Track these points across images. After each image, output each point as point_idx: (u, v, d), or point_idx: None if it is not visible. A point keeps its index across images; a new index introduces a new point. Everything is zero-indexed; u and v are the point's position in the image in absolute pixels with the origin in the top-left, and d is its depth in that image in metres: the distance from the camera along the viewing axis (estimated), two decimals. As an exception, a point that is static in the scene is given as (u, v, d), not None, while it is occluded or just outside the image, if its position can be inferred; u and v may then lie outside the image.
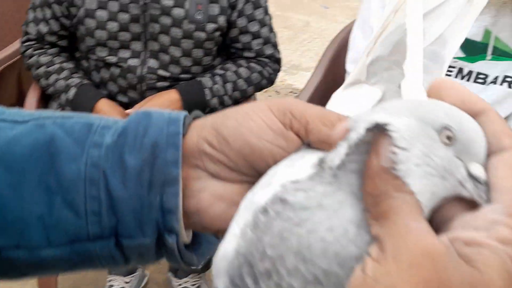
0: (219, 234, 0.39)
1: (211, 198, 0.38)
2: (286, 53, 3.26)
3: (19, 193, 0.37)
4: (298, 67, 3.17)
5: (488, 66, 1.27)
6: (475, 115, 0.32)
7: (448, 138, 0.30)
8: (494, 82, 1.29)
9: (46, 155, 0.38)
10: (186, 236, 0.39)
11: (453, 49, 0.43)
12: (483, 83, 1.29)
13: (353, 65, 1.34)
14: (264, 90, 1.73)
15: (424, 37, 0.42)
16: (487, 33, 1.24)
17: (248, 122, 0.37)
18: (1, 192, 0.37)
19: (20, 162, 0.38)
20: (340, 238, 0.30)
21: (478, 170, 0.30)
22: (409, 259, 0.27)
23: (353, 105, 0.43)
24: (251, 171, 0.37)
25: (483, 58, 1.27)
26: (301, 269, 0.30)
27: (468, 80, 1.28)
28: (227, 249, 0.33)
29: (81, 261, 0.39)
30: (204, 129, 0.38)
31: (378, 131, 0.31)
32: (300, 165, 0.34)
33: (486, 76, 1.28)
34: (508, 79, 1.28)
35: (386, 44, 0.43)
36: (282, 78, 3.04)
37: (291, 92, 2.98)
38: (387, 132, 0.30)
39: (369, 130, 0.31)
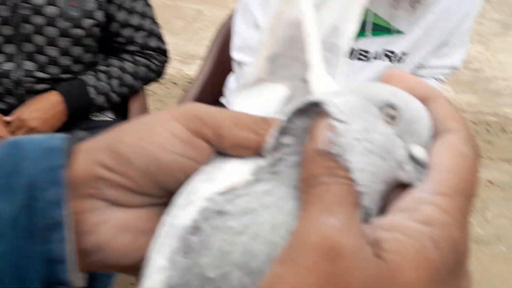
0: (126, 270, 0.34)
1: (113, 230, 0.33)
2: (180, 43, 3.21)
3: None
4: (194, 56, 3.14)
5: (369, 42, 1.30)
6: (423, 100, 0.30)
7: (391, 117, 0.28)
8: (376, 57, 1.32)
9: None
10: (81, 280, 0.34)
11: (348, 38, 0.42)
12: (365, 60, 1.31)
13: (240, 53, 1.33)
14: (160, 82, 1.68)
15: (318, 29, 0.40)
16: (365, 11, 1.26)
17: (150, 135, 0.32)
18: None
19: None
20: (285, 236, 0.27)
21: (419, 152, 0.28)
22: (307, 261, 0.24)
23: (259, 104, 0.40)
24: (158, 191, 0.33)
25: (363, 35, 1.29)
26: (248, 284, 0.26)
27: (351, 58, 1.31)
28: (154, 286, 0.28)
29: None
30: (97, 151, 0.33)
31: (316, 114, 0.28)
32: (223, 176, 0.31)
33: (368, 52, 1.31)
34: (388, 53, 1.32)
35: (281, 40, 0.41)
36: (178, 68, 3.00)
37: (189, 82, 2.94)
38: (323, 109, 0.28)
39: (302, 110, 0.29)
